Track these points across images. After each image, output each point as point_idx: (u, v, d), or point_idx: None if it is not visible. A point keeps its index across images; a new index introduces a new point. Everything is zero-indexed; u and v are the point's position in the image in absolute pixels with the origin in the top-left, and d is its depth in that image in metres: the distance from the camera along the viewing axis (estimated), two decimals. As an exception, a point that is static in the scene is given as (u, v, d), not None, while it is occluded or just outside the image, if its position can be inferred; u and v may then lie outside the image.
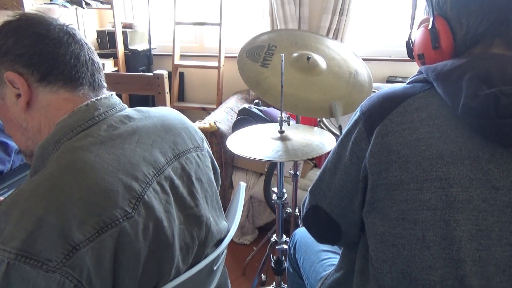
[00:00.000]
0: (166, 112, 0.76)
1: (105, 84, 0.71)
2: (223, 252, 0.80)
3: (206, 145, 0.83)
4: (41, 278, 0.48)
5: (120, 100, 0.71)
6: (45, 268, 0.49)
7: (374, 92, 1.03)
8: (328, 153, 1.10)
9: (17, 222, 0.50)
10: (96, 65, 0.68)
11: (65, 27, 0.66)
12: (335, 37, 2.44)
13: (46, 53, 0.62)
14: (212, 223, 0.75)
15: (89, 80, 0.67)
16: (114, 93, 0.71)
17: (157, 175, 0.63)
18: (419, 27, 0.70)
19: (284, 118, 1.21)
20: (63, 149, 0.59)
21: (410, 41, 0.74)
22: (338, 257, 0.92)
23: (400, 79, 2.49)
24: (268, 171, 1.92)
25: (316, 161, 2.05)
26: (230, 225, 0.86)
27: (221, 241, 0.79)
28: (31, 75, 0.62)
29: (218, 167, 0.87)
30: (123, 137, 0.63)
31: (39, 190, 0.53)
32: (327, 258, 1.00)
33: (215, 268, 0.78)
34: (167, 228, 0.62)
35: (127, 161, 0.60)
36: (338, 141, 0.71)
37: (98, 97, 0.66)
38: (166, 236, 0.62)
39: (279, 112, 1.19)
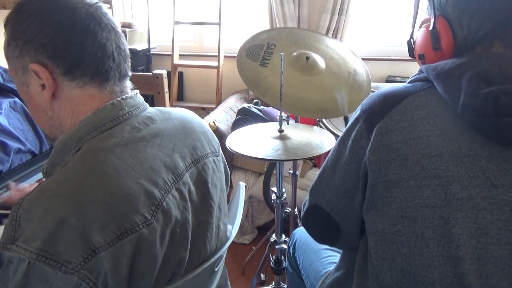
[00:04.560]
0: (186, 114, 0.75)
1: (129, 73, 0.68)
2: (224, 254, 0.80)
3: (221, 151, 0.82)
4: (59, 279, 0.49)
5: (143, 99, 0.69)
6: (64, 270, 0.49)
7: (373, 91, 1.03)
8: (328, 152, 1.11)
9: (40, 222, 0.50)
10: (123, 53, 0.65)
11: (91, 10, 0.61)
12: (334, 36, 2.44)
13: (72, 45, 0.58)
14: (221, 229, 0.75)
15: (115, 73, 0.64)
16: (138, 91, 0.69)
17: (176, 181, 0.63)
18: (420, 26, 0.71)
19: (283, 117, 1.21)
20: (87, 148, 0.59)
21: (412, 40, 0.74)
22: (338, 255, 0.92)
23: (399, 78, 2.49)
24: (267, 170, 1.92)
25: (315, 161, 2.05)
26: (231, 225, 0.86)
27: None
28: (56, 68, 0.59)
29: (229, 171, 0.87)
30: (146, 140, 0.62)
31: (62, 190, 0.53)
32: (327, 256, 1.00)
33: (216, 269, 0.78)
34: (182, 234, 0.62)
35: (149, 166, 0.59)
36: (338, 139, 0.71)
37: (124, 97, 0.65)
38: (181, 242, 0.62)
39: (278, 111, 1.18)
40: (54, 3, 0.59)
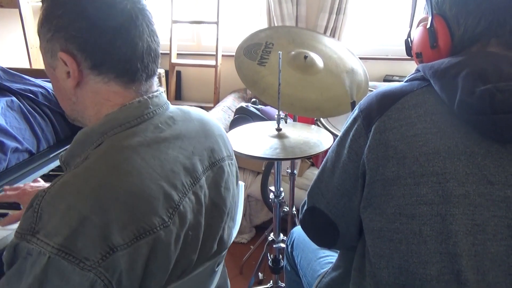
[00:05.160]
0: (204, 116, 0.75)
1: (157, 71, 0.68)
2: (224, 254, 0.80)
3: (234, 154, 0.82)
4: (76, 275, 0.49)
5: (166, 98, 0.69)
6: (82, 266, 0.49)
7: (371, 91, 1.03)
8: (326, 151, 1.11)
9: (63, 217, 0.50)
10: (153, 54, 0.64)
11: (130, 5, 0.59)
12: (332, 35, 2.45)
13: (101, 43, 0.58)
14: (226, 234, 0.75)
15: (142, 74, 0.63)
16: (163, 90, 0.69)
17: (193, 184, 0.63)
18: (418, 25, 0.71)
19: (281, 116, 1.21)
20: (110, 144, 0.59)
21: (409, 39, 0.74)
22: (336, 255, 0.92)
23: (397, 78, 2.49)
24: (265, 169, 1.92)
25: (313, 160, 2.06)
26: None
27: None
28: (84, 60, 0.59)
29: (239, 175, 0.87)
30: (167, 141, 0.62)
31: (86, 186, 0.53)
32: (325, 256, 1.00)
33: (216, 269, 0.78)
34: (194, 237, 0.62)
35: (170, 169, 0.60)
36: (336, 140, 0.71)
37: (150, 95, 0.64)
38: (193, 246, 0.63)
39: (276, 110, 1.19)
40: None
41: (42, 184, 0.91)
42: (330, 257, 1.00)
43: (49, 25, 0.59)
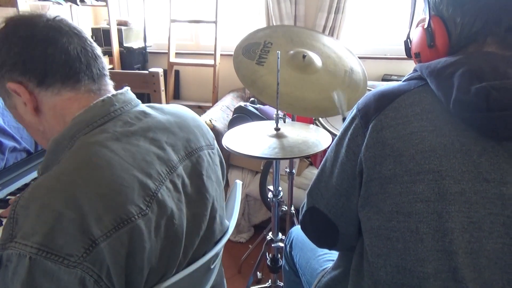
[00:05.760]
0: (179, 109, 0.76)
1: (107, 73, 0.69)
2: (220, 251, 0.80)
3: (216, 144, 0.83)
4: (62, 273, 0.49)
5: (134, 95, 0.70)
6: (66, 263, 0.49)
7: (369, 90, 1.03)
8: (324, 151, 1.11)
9: (38, 217, 0.50)
10: (90, 54, 0.66)
11: (50, 22, 0.64)
12: (331, 35, 2.45)
13: (36, 56, 0.61)
14: (217, 223, 0.75)
15: (85, 73, 0.65)
16: (129, 88, 0.70)
17: (170, 173, 0.64)
18: (416, 26, 0.72)
19: (280, 116, 1.21)
20: (79, 144, 0.60)
21: (408, 40, 0.75)
22: (335, 253, 0.93)
23: (395, 77, 2.50)
24: (263, 169, 1.92)
25: (311, 159, 2.06)
26: (228, 221, 0.86)
27: (219, 239, 0.79)
28: (29, 81, 0.62)
29: (225, 165, 0.87)
30: (138, 134, 0.63)
31: (57, 185, 0.53)
32: (323, 254, 1.00)
33: (212, 266, 0.78)
34: (177, 226, 0.62)
35: (142, 159, 0.60)
36: (335, 139, 0.71)
37: (114, 93, 0.66)
38: (176, 234, 0.62)
39: (275, 110, 1.19)
40: (16, 26, 0.63)
41: None
42: (329, 255, 1.00)
43: None
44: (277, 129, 1.20)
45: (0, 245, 0.51)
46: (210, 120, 1.99)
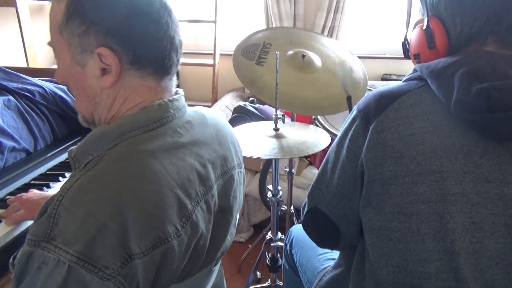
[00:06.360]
0: (219, 121, 0.74)
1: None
2: (222, 255, 0.80)
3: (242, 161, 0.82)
4: (95, 284, 0.48)
5: (184, 101, 0.68)
6: (101, 275, 0.48)
7: (369, 90, 1.03)
8: (323, 150, 1.11)
9: (82, 224, 0.48)
10: (179, 50, 0.63)
11: (164, 3, 0.59)
12: (330, 35, 2.45)
13: (145, 34, 0.56)
14: (228, 241, 0.75)
15: (174, 68, 0.62)
16: (183, 94, 0.67)
17: (206, 193, 0.62)
18: (414, 27, 0.71)
19: (279, 116, 1.21)
20: (128, 148, 0.56)
21: (406, 41, 0.75)
22: (335, 251, 0.93)
23: (395, 77, 2.50)
24: (263, 168, 1.92)
25: (311, 159, 2.06)
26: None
27: None
28: (126, 55, 0.56)
29: (246, 181, 0.86)
30: (185, 147, 0.61)
31: (105, 192, 0.51)
32: (324, 253, 1.01)
33: (213, 268, 0.78)
34: (202, 245, 0.62)
35: (186, 176, 0.58)
36: (335, 140, 0.71)
37: (171, 98, 0.63)
38: (199, 253, 0.62)
39: (274, 109, 1.19)
40: None
41: (49, 193, 0.90)
42: (330, 253, 1.00)
43: (82, 19, 0.55)
44: (276, 129, 1.20)
45: (32, 240, 0.49)
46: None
